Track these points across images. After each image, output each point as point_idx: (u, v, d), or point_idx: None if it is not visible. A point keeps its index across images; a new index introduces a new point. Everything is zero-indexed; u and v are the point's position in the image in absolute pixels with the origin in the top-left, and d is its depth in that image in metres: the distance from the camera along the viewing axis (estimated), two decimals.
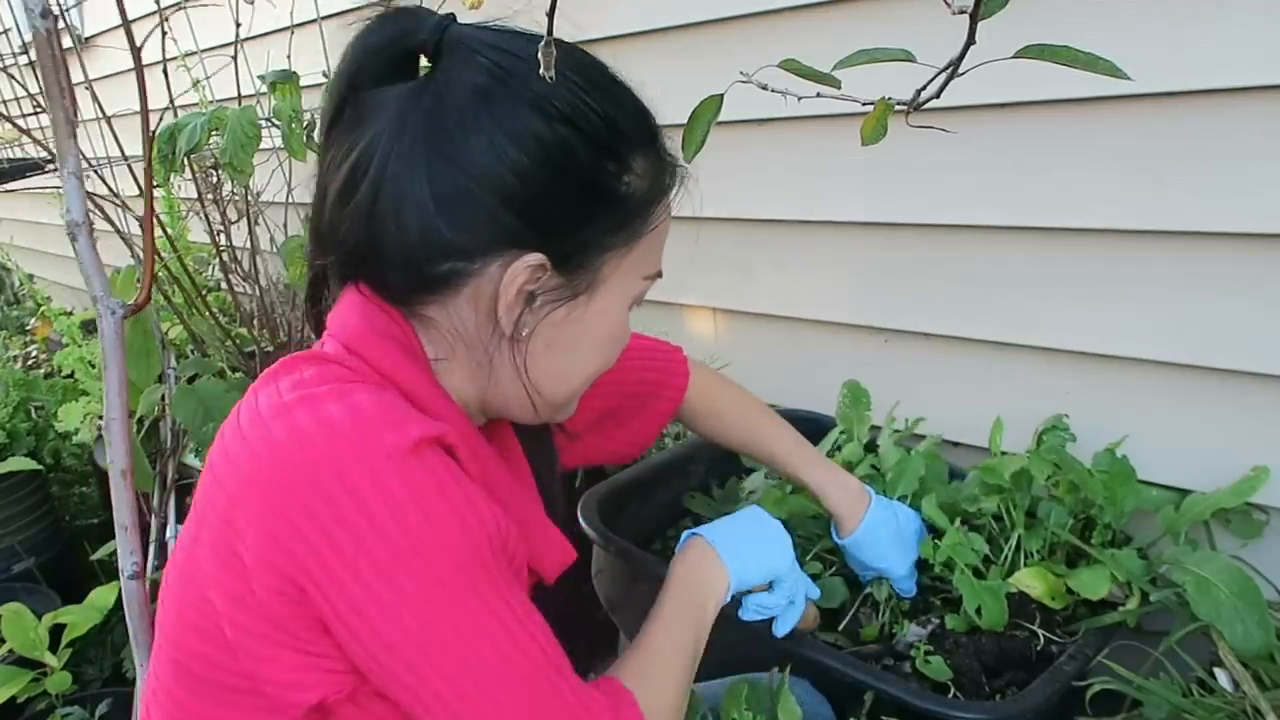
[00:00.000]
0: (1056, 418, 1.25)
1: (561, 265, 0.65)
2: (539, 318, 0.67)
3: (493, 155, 0.61)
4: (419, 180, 0.62)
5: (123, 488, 0.87)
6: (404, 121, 0.62)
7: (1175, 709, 0.89)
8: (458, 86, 0.62)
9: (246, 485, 0.58)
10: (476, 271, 0.64)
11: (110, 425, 0.86)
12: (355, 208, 0.64)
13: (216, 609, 0.60)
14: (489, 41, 0.64)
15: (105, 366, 0.86)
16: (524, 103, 0.62)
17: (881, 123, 0.63)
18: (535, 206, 0.63)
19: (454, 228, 0.63)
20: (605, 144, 0.65)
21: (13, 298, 3.85)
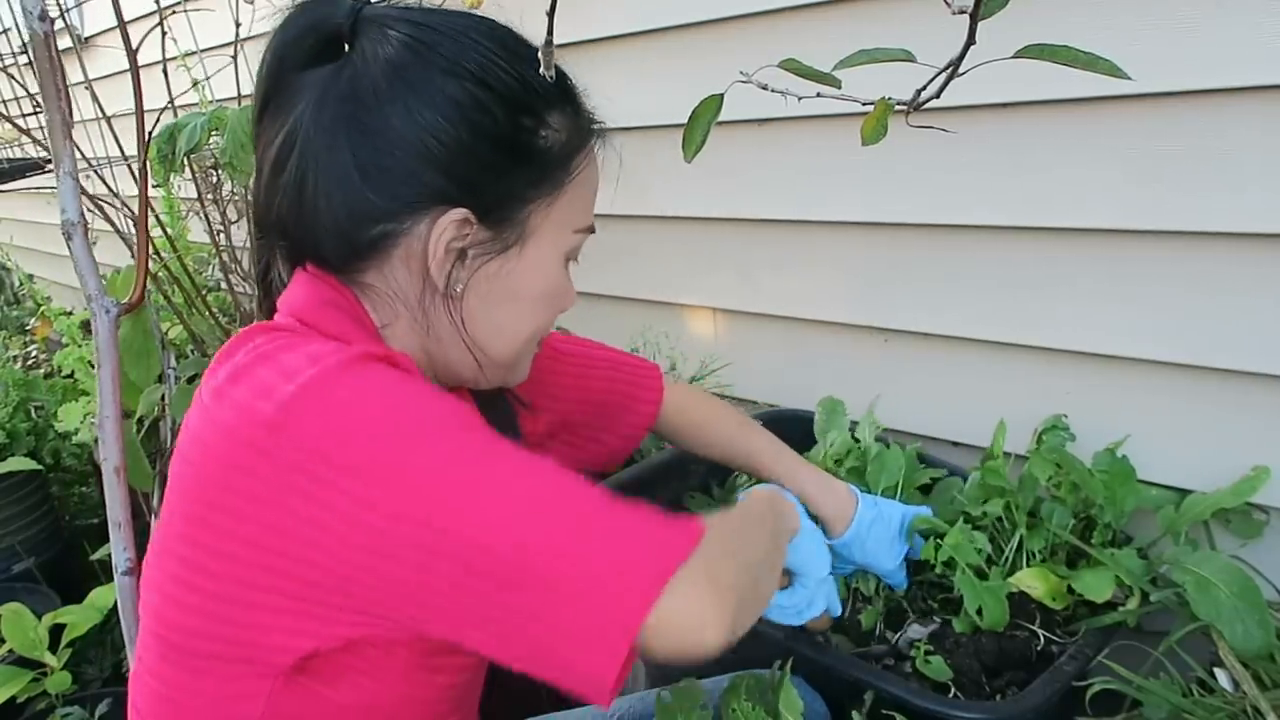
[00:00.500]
0: (1056, 418, 1.25)
1: (486, 218, 0.68)
2: (471, 271, 0.69)
3: (410, 121, 0.64)
4: (342, 152, 0.65)
5: (116, 484, 0.88)
6: (324, 99, 0.65)
7: (1175, 709, 0.89)
8: (373, 61, 0.65)
9: (242, 448, 0.57)
10: (405, 231, 0.67)
11: (103, 423, 0.86)
12: (285, 185, 0.67)
13: (202, 576, 0.60)
14: (401, 16, 0.68)
15: (99, 365, 0.86)
16: (436, 69, 0.65)
17: (881, 123, 0.63)
18: (455, 164, 0.66)
19: (379, 193, 0.65)
20: (519, 101, 0.68)
21: (13, 298, 3.85)
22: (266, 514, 0.57)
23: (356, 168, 0.65)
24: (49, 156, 0.92)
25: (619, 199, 1.89)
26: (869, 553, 1.05)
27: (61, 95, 0.79)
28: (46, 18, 0.77)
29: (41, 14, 0.76)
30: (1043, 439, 1.23)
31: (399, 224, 0.67)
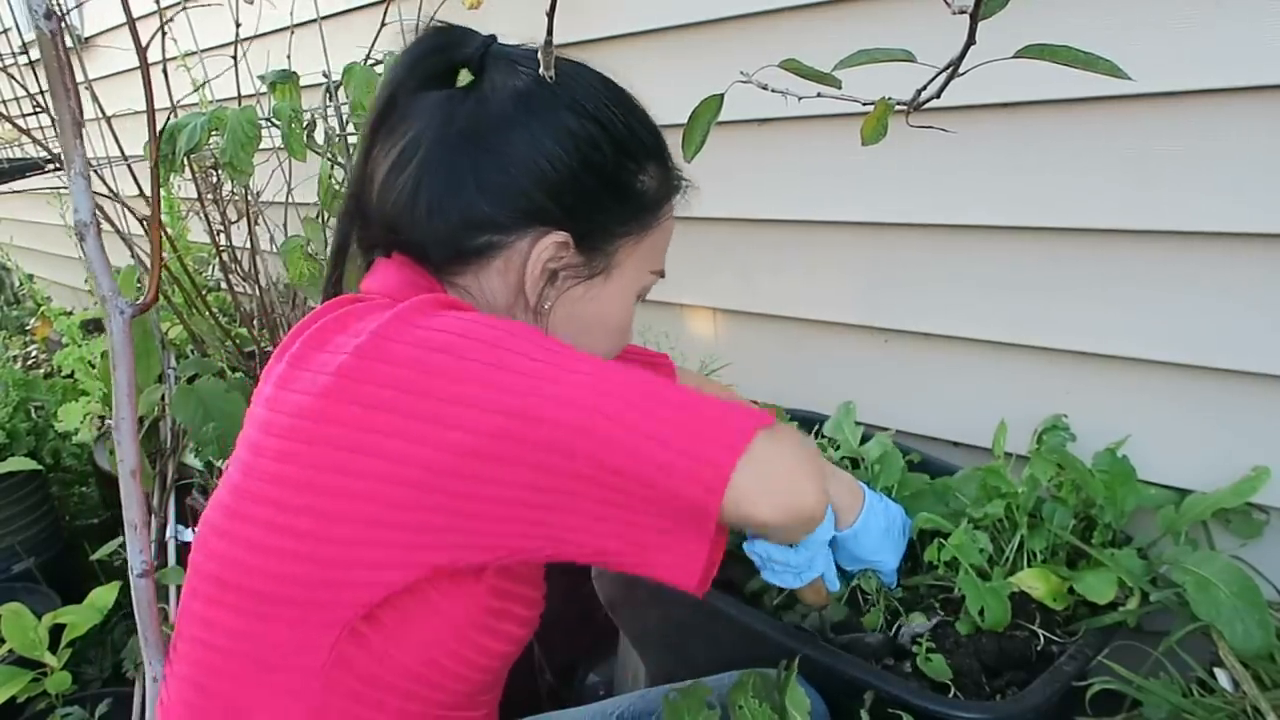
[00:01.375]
0: (1056, 418, 1.25)
1: (581, 244, 0.75)
2: (560, 291, 0.76)
3: (531, 146, 0.72)
4: (464, 164, 0.72)
5: (133, 486, 0.88)
6: (451, 118, 0.73)
7: (1175, 709, 0.89)
8: (502, 90, 0.73)
9: (360, 362, 0.62)
10: (509, 244, 0.74)
11: (119, 425, 0.86)
12: (402, 186, 0.73)
13: (300, 515, 0.62)
14: (524, 58, 0.75)
15: (114, 367, 0.86)
16: (560, 104, 0.73)
17: (881, 123, 0.63)
18: (564, 190, 0.73)
19: (493, 205, 0.72)
20: (625, 145, 0.76)
21: (13, 298, 3.85)
22: (376, 437, 0.60)
23: (475, 180, 0.72)
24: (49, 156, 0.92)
25: None
26: (871, 549, 1.05)
27: (71, 94, 0.80)
28: (53, 16, 0.77)
29: (48, 13, 0.77)
30: (1043, 439, 1.23)
31: (504, 236, 0.73)
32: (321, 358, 0.65)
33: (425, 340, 0.62)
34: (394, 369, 0.61)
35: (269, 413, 0.66)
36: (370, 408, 0.60)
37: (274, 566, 0.63)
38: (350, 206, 0.80)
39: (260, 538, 0.64)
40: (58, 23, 0.78)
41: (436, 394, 0.60)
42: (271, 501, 0.63)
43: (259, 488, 0.64)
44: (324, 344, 0.67)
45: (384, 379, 0.61)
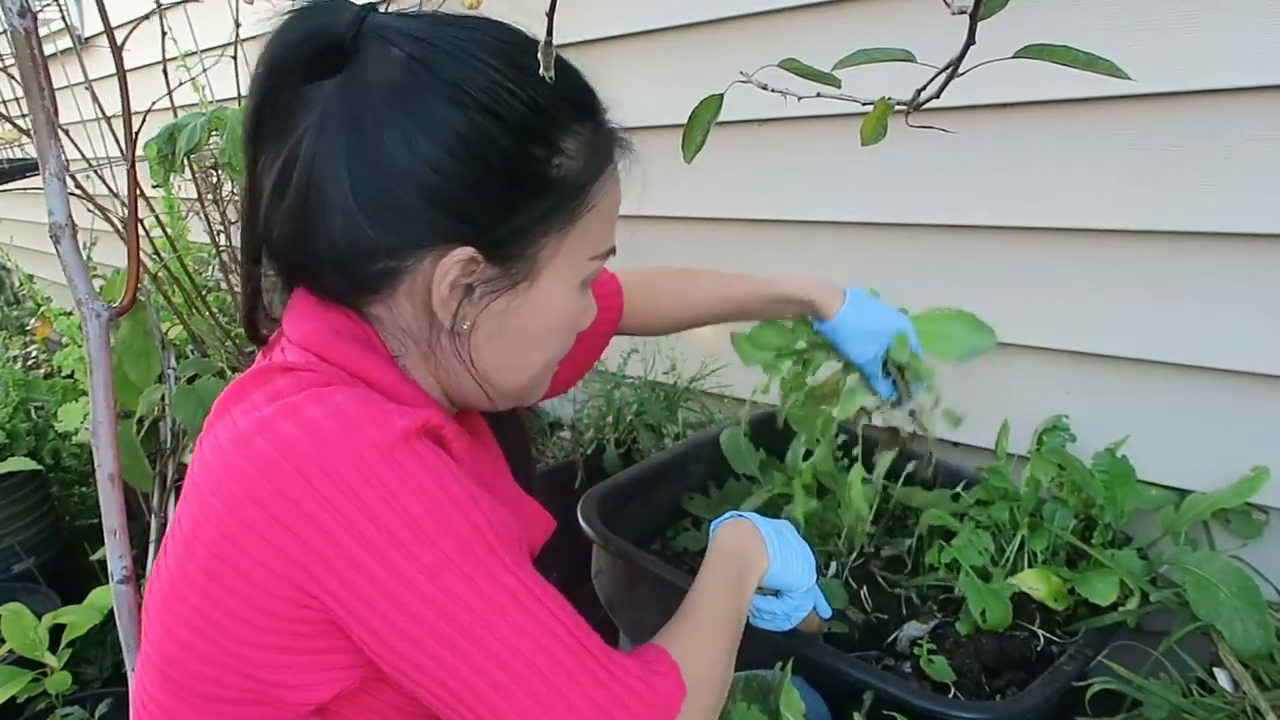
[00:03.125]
0: (1056, 418, 1.25)
1: (494, 255, 0.64)
2: (479, 309, 0.65)
3: (408, 152, 0.60)
4: (341, 181, 0.61)
5: (110, 491, 0.86)
6: (325, 121, 0.61)
7: (1175, 709, 0.89)
8: (374, 82, 0.61)
9: (242, 502, 0.57)
10: (409, 269, 0.63)
11: (97, 429, 0.85)
12: (288, 211, 0.63)
13: (217, 626, 0.59)
14: (405, 30, 0.62)
15: (91, 371, 0.85)
16: (438, 96, 0.60)
17: (881, 123, 0.63)
18: (458, 200, 0.61)
19: (378, 228, 0.61)
20: (529, 129, 0.62)
21: (13, 298, 3.85)
22: (280, 568, 0.56)
23: (355, 198, 0.61)
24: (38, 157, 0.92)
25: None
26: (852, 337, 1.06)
27: (46, 94, 0.78)
28: (27, 14, 0.76)
29: (22, 10, 0.75)
30: (1043, 439, 1.23)
31: (401, 261, 0.63)
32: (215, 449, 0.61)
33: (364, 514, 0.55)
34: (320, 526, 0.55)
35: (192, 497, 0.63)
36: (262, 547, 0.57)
37: (206, 671, 0.61)
38: (247, 239, 0.69)
39: (188, 639, 0.61)
40: (32, 20, 0.76)
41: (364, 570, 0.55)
42: (195, 609, 0.60)
43: (184, 589, 0.61)
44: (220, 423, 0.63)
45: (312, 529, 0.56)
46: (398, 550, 0.55)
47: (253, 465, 0.57)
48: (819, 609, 0.95)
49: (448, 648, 0.56)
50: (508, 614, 0.57)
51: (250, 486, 0.57)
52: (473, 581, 0.56)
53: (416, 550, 0.55)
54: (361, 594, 0.56)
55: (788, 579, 0.87)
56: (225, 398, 0.65)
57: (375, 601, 0.56)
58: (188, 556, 0.61)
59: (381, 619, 0.56)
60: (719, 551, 0.84)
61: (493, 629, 0.57)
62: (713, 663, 0.71)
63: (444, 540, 0.56)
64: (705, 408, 1.72)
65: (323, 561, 0.55)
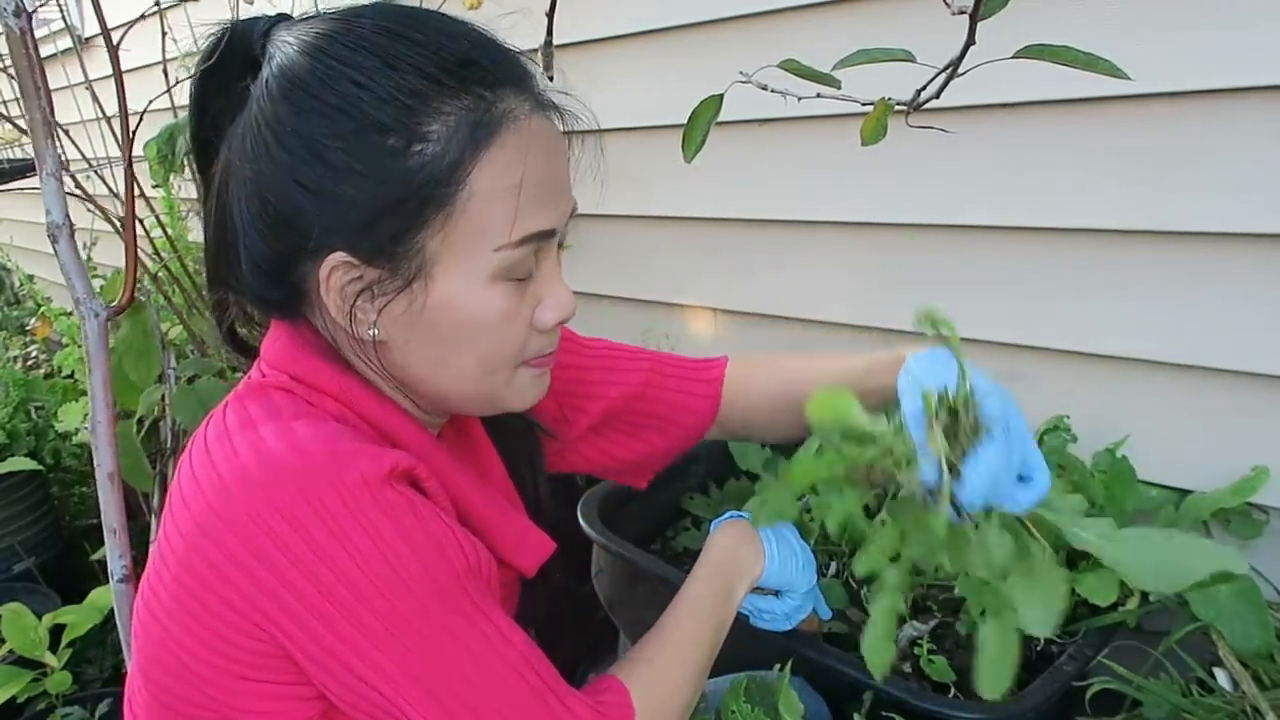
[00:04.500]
0: (1058, 418, 1.24)
1: (375, 257, 0.61)
2: (378, 313, 0.63)
3: (273, 167, 0.61)
4: (243, 203, 0.63)
5: (110, 490, 0.87)
6: (232, 146, 0.63)
7: (1175, 709, 0.89)
8: (257, 103, 0.62)
9: (204, 534, 0.57)
10: (306, 280, 0.64)
11: (96, 428, 0.85)
12: (213, 248, 0.66)
13: (186, 650, 0.60)
14: (294, 38, 0.62)
15: (90, 370, 0.85)
16: (289, 103, 0.60)
17: (881, 123, 0.63)
18: (321, 205, 0.60)
19: (271, 242, 0.63)
20: (379, 123, 0.59)
21: (13, 298, 3.85)
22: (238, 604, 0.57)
23: (252, 220, 0.63)
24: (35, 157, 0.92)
25: (619, 200, 1.89)
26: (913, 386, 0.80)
27: (42, 94, 0.78)
28: (21, 13, 0.76)
29: (17, 10, 0.75)
30: (1044, 440, 1.23)
31: (297, 272, 0.64)
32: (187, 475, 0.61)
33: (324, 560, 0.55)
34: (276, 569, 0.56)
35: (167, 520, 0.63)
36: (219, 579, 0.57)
37: (180, 691, 0.61)
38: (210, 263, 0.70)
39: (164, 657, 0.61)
40: (27, 20, 0.77)
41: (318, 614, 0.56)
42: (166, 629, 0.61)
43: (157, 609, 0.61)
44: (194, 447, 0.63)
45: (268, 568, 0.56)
46: (356, 598, 0.55)
47: (214, 492, 0.58)
48: (819, 610, 0.95)
49: (404, 694, 0.57)
50: (464, 662, 0.58)
51: (211, 520, 0.57)
52: (433, 632, 0.58)
53: (375, 600, 0.56)
54: (318, 640, 0.56)
55: (786, 580, 0.87)
56: (206, 421, 0.66)
57: (333, 648, 0.56)
58: (157, 578, 0.62)
59: (339, 664, 0.57)
60: (709, 559, 0.84)
61: (449, 677, 0.58)
62: (673, 690, 0.73)
63: (404, 590, 0.56)
64: None
65: (278, 604, 0.56)
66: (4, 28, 0.74)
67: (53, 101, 0.80)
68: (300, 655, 0.57)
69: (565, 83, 0.74)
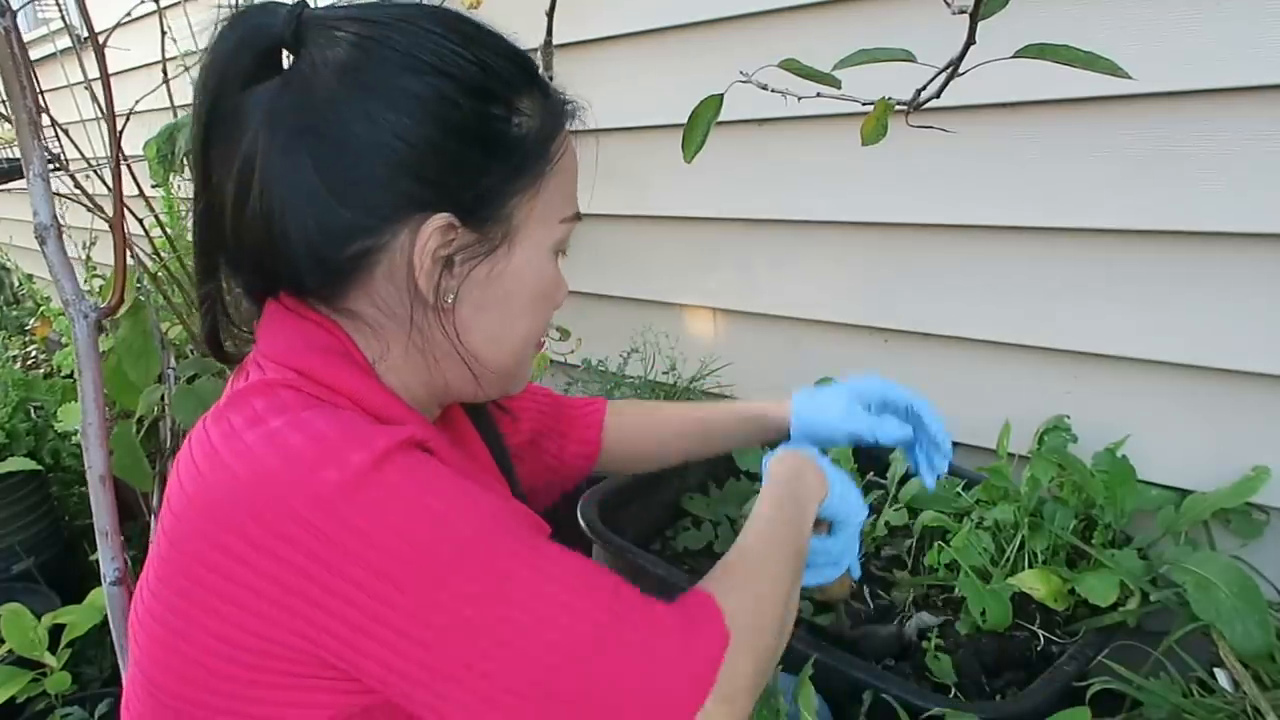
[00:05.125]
0: (1058, 418, 1.25)
1: (470, 220, 0.63)
2: (460, 279, 0.65)
3: (372, 125, 0.60)
4: (306, 169, 0.60)
5: (101, 493, 0.86)
6: (277, 115, 0.61)
7: (1175, 709, 0.89)
8: (322, 67, 0.61)
9: (221, 529, 0.56)
10: (385, 245, 0.63)
11: (86, 431, 0.85)
12: (252, 216, 0.62)
13: (201, 653, 0.58)
14: (345, 16, 0.63)
15: (80, 372, 0.84)
16: (391, 65, 0.61)
17: (881, 123, 0.63)
18: (428, 166, 0.61)
19: (352, 207, 0.61)
20: (484, 89, 0.63)
21: (13, 298, 3.85)
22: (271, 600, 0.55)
23: (324, 184, 0.60)
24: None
25: (619, 200, 1.89)
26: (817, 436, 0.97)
27: (27, 93, 0.77)
28: (6, 12, 0.75)
29: (2, 9, 0.75)
30: (1044, 440, 1.23)
31: (377, 239, 0.62)
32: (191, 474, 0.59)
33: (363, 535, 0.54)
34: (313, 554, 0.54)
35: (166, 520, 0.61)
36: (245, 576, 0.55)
37: (188, 690, 0.59)
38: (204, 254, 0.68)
39: (173, 655, 0.59)
40: (11, 19, 0.76)
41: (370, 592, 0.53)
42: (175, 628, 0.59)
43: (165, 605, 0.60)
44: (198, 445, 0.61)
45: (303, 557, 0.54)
46: (397, 566, 0.53)
47: (227, 490, 0.56)
48: (852, 567, 0.91)
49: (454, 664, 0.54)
50: (518, 605, 0.55)
51: (231, 512, 0.55)
52: (480, 581, 0.55)
53: (417, 561, 0.54)
54: (355, 627, 0.54)
55: (845, 509, 0.86)
56: (205, 420, 0.64)
57: (372, 633, 0.54)
58: (161, 579, 0.60)
59: (381, 650, 0.54)
60: (774, 479, 0.81)
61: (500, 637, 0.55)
62: (763, 599, 0.68)
63: (443, 548, 0.55)
64: None
65: (315, 590, 0.54)
66: None
67: (39, 101, 0.79)
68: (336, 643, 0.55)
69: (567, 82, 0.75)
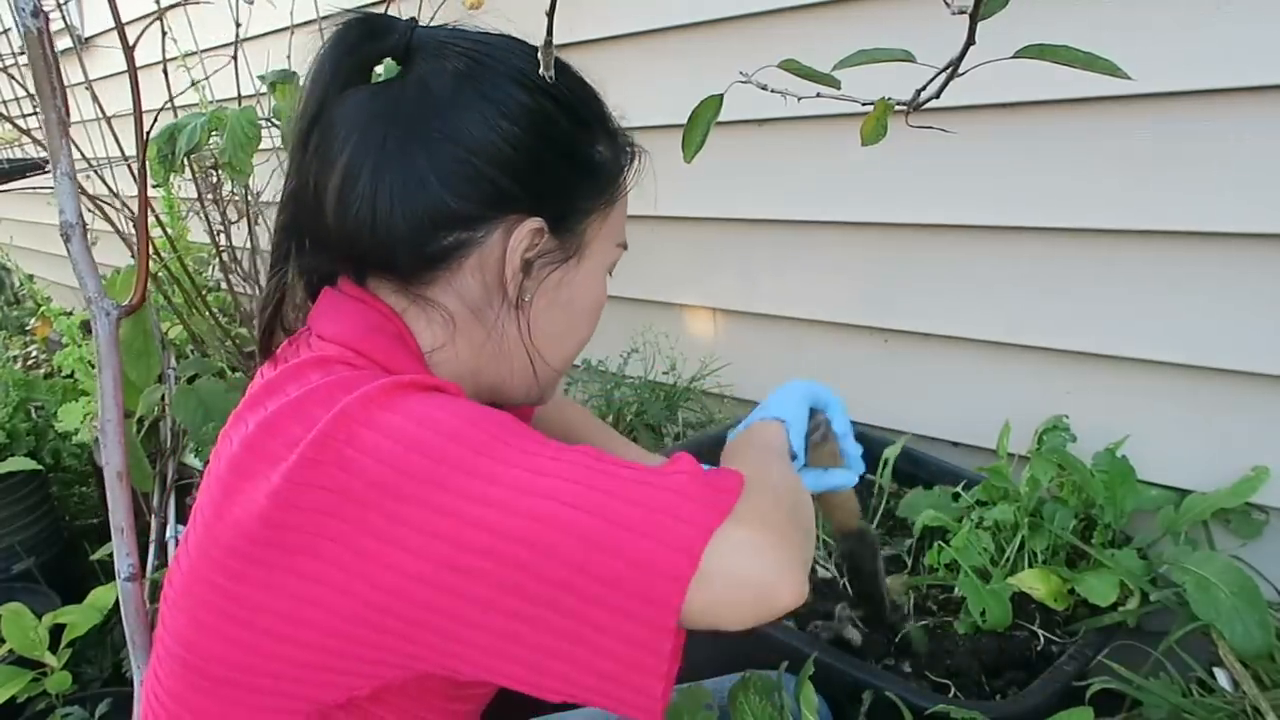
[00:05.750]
0: (1057, 418, 1.25)
1: (555, 229, 0.70)
2: (537, 281, 0.71)
3: (486, 128, 0.66)
4: (418, 160, 0.66)
5: (118, 489, 0.86)
6: (394, 112, 0.67)
7: (1175, 709, 0.89)
8: (439, 75, 0.67)
9: (280, 489, 0.57)
10: (480, 240, 0.68)
11: (105, 427, 0.85)
12: (360, 197, 0.67)
13: (256, 608, 0.59)
14: (453, 38, 0.70)
15: (100, 369, 0.85)
16: (506, 79, 0.67)
17: (881, 123, 0.63)
18: (530, 173, 0.68)
19: (459, 198, 0.67)
20: (578, 115, 0.71)
21: (13, 298, 3.85)
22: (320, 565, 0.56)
23: (435, 173, 0.66)
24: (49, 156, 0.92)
25: None
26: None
27: (57, 93, 0.78)
28: (40, 14, 0.76)
29: (35, 10, 0.75)
30: (1043, 439, 1.23)
31: (474, 231, 0.68)
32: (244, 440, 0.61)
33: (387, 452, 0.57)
34: (350, 479, 0.56)
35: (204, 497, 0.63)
36: (314, 533, 0.57)
37: (236, 657, 0.61)
38: (284, 239, 0.74)
39: (218, 626, 0.61)
40: (44, 21, 0.77)
41: (399, 515, 0.55)
42: (226, 595, 0.60)
43: (212, 578, 0.61)
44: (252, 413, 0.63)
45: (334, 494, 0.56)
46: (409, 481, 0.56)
47: (291, 451, 0.58)
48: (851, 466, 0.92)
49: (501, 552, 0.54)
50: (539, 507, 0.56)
51: (290, 474, 0.57)
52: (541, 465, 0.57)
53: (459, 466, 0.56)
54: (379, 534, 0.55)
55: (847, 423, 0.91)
56: (256, 392, 0.66)
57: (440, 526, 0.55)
58: (214, 543, 0.61)
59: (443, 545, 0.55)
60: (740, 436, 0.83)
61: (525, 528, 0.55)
62: (765, 472, 0.68)
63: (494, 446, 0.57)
64: (705, 408, 1.72)
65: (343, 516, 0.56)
66: (22, 29, 0.75)
67: (68, 101, 0.80)
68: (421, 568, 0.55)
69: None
